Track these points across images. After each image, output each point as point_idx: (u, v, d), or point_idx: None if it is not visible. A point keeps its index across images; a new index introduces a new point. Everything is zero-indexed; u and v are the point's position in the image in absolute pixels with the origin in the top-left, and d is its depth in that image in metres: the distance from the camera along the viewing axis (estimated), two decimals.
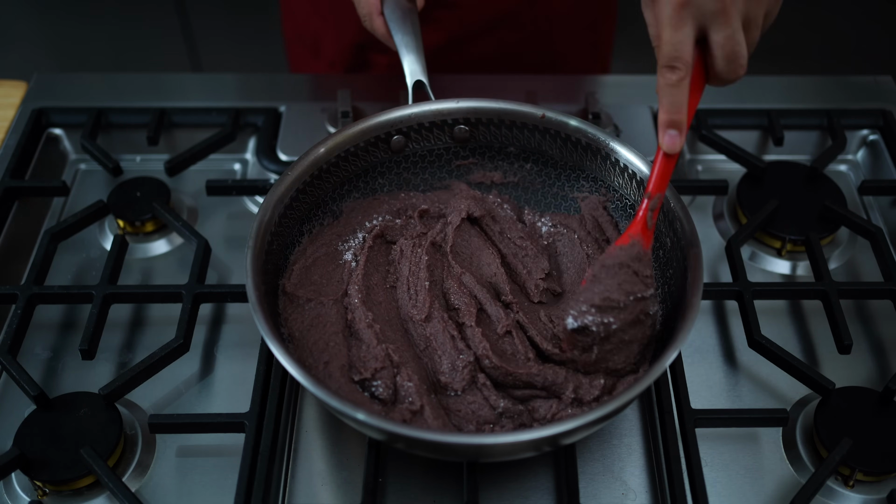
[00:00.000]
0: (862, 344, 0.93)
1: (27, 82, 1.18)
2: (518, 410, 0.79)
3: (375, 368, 0.79)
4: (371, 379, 0.79)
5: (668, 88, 0.72)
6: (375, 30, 0.96)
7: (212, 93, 1.18)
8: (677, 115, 0.73)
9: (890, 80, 1.19)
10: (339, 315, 0.85)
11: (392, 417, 0.77)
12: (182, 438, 0.85)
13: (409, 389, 0.78)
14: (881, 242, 0.96)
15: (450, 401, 0.80)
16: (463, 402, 0.80)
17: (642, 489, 0.81)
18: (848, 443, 0.79)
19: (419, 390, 0.78)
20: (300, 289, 0.86)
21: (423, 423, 0.77)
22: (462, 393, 0.80)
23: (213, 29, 2.29)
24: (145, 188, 1.03)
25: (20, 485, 0.81)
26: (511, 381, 0.81)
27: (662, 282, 0.87)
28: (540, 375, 0.80)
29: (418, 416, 0.77)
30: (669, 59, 0.70)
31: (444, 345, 0.82)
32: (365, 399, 0.78)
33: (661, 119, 0.74)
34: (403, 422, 0.77)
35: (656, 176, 0.79)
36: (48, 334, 0.94)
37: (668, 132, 0.74)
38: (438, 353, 0.82)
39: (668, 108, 0.73)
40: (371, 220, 0.93)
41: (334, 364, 0.80)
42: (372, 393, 0.79)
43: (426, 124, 0.93)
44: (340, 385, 0.79)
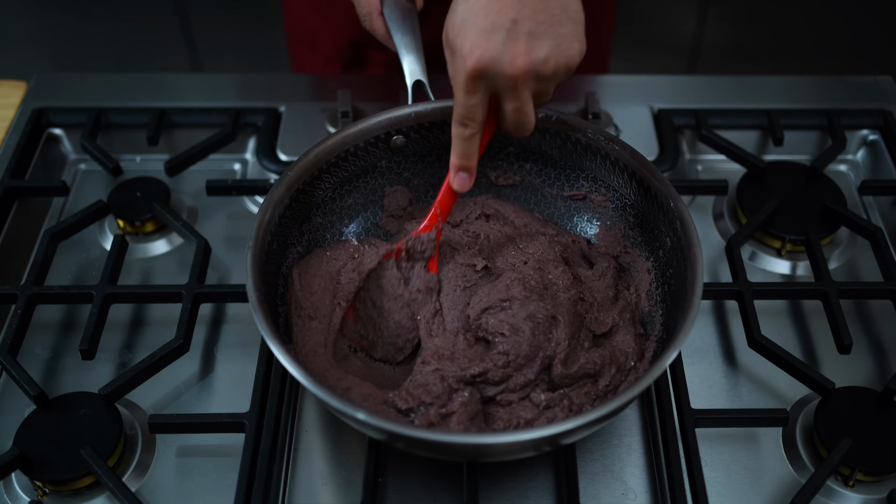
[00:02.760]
0: (862, 344, 0.93)
1: (27, 82, 1.18)
2: (557, 398, 0.80)
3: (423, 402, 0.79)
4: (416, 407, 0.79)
5: (461, 140, 0.79)
6: (375, 30, 0.96)
7: (212, 93, 1.18)
8: (468, 162, 0.80)
9: (890, 80, 1.18)
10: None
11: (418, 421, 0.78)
12: (182, 438, 0.85)
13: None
14: (881, 242, 0.96)
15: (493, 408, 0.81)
16: (509, 410, 0.81)
17: (642, 489, 0.81)
18: (848, 443, 0.79)
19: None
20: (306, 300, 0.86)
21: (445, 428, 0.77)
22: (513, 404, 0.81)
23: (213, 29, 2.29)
24: (145, 188, 1.03)
25: (20, 485, 0.81)
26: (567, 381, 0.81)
27: (662, 281, 0.87)
28: (590, 363, 0.82)
29: (445, 421, 0.78)
30: (462, 118, 0.77)
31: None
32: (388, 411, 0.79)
33: (453, 163, 0.81)
34: (430, 425, 0.77)
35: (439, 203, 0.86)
36: (48, 334, 0.94)
37: (458, 174, 0.82)
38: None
39: (459, 156, 0.80)
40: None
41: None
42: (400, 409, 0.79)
43: (426, 124, 0.93)
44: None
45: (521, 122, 0.77)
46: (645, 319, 0.87)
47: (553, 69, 0.73)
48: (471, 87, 0.74)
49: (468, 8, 0.73)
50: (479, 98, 0.75)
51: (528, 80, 0.73)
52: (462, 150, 0.80)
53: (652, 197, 0.87)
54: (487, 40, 0.72)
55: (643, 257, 0.90)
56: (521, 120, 0.77)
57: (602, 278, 0.89)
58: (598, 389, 0.81)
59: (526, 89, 0.74)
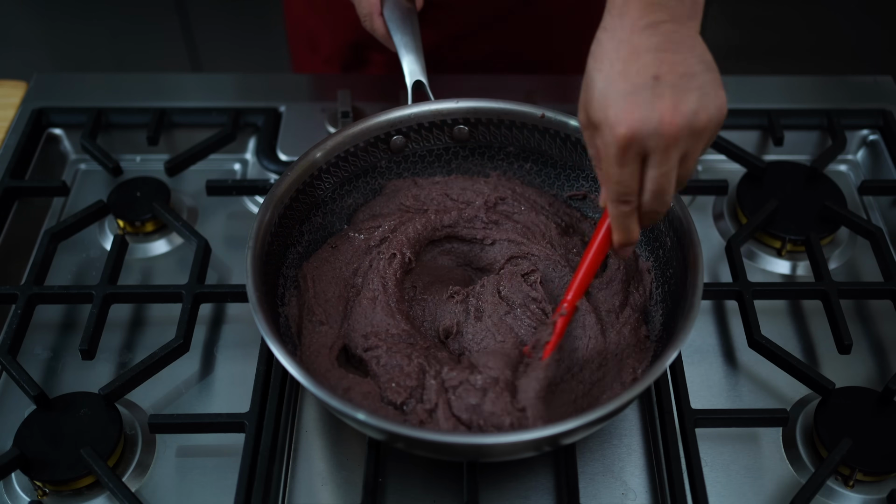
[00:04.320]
0: (862, 344, 0.93)
1: (27, 82, 1.18)
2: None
3: (411, 387, 0.79)
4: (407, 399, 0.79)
5: (621, 218, 0.74)
6: (375, 30, 0.96)
7: (212, 93, 1.18)
8: (631, 238, 0.75)
9: (890, 80, 1.18)
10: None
11: (408, 421, 0.77)
12: (182, 438, 0.85)
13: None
14: (881, 242, 0.96)
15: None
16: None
17: (642, 489, 0.81)
18: (848, 443, 0.79)
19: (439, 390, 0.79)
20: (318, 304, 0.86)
21: (434, 424, 0.77)
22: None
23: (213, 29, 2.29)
24: (145, 188, 1.03)
25: (20, 485, 0.81)
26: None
27: (662, 281, 0.87)
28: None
29: (432, 416, 0.78)
30: (620, 195, 0.72)
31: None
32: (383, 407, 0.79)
33: (617, 241, 0.76)
34: (420, 423, 0.77)
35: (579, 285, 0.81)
36: (48, 334, 0.94)
37: (625, 248, 0.77)
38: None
39: (622, 234, 0.75)
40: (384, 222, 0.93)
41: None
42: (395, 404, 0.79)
43: (426, 124, 0.93)
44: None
45: (661, 190, 0.71)
46: (646, 319, 0.87)
47: (706, 121, 0.68)
48: (622, 157, 0.69)
49: (605, 77, 0.69)
50: (632, 168, 0.70)
51: (681, 137, 0.68)
52: (625, 227, 0.74)
53: None
54: (633, 103, 0.67)
55: (643, 257, 0.90)
56: (661, 188, 0.70)
57: (610, 285, 0.88)
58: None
59: (676, 150, 0.68)
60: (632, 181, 0.70)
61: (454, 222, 0.93)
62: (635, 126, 0.67)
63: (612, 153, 0.69)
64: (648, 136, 0.67)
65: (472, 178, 0.96)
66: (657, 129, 0.67)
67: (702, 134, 0.69)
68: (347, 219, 0.95)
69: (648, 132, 0.67)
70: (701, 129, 0.68)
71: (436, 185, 0.96)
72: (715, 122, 0.69)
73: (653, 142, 0.67)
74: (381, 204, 0.95)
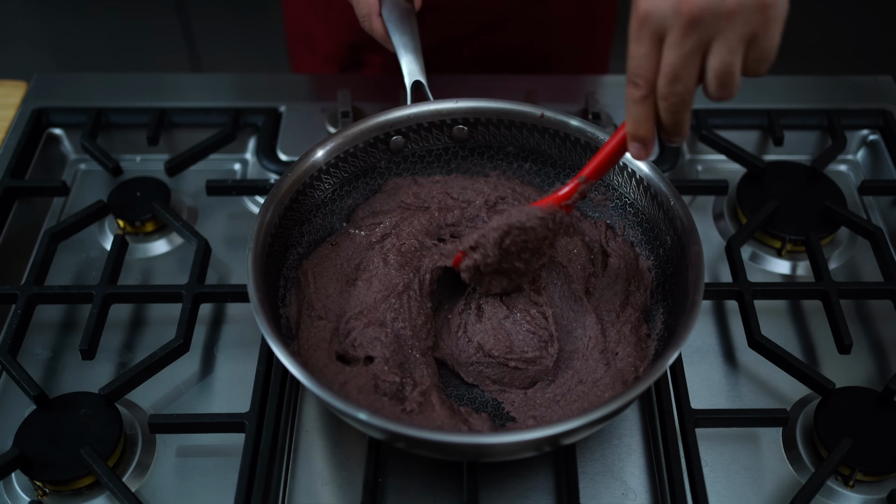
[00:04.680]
0: (862, 344, 0.93)
1: (27, 82, 1.18)
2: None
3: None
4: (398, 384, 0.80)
5: (631, 103, 0.70)
6: (374, 31, 0.96)
7: (212, 93, 1.18)
8: (640, 131, 0.71)
9: (890, 80, 1.18)
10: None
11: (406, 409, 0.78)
12: (182, 438, 0.85)
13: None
14: (881, 242, 0.96)
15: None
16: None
17: (642, 489, 0.81)
18: (848, 443, 0.79)
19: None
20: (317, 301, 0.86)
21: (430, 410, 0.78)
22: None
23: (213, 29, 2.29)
24: (145, 188, 1.03)
25: (20, 485, 0.81)
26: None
27: (663, 280, 0.87)
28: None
29: (427, 402, 0.78)
30: (631, 74, 0.69)
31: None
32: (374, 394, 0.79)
33: (627, 131, 0.72)
34: (419, 406, 0.78)
35: (598, 162, 0.79)
36: (48, 334, 0.94)
37: (633, 143, 0.73)
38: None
39: (632, 124, 0.71)
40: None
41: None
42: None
43: (425, 125, 0.93)
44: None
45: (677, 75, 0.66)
46: (646, 318, 0.87)
47: (735, 4, 0.63)
48: (638, 33, 0.66)
49: None
50: (646, 48, 0.66)
51: (701, 18, 0.63)
52: (634, 114, 0.70)
53: (652, 196, 0.87)
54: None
55: (643, 256, 0.90)
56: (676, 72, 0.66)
57: (611, 286, 0.88)
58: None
59: (694, 32, 0.64)
60: (643, 61, 0.67)
61: (457, 221, 0.93)
62: (654, 2, 0.65)
63: (631, 30, 0.67)
64: (664, 14, 0.65)
65: (472, 177, 0.96)
66: (674, 8, 0.64)
67: (732, 17, 0.63)
68: (347, 217, 0.95)
69: (665, 10, 0.64)
70: (728, 12, 0.63)
71: (436, 184, 0.96)
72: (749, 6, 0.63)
73: (668, 20, 0.65)
74: (382, 201, 0.95)
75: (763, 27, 0.65)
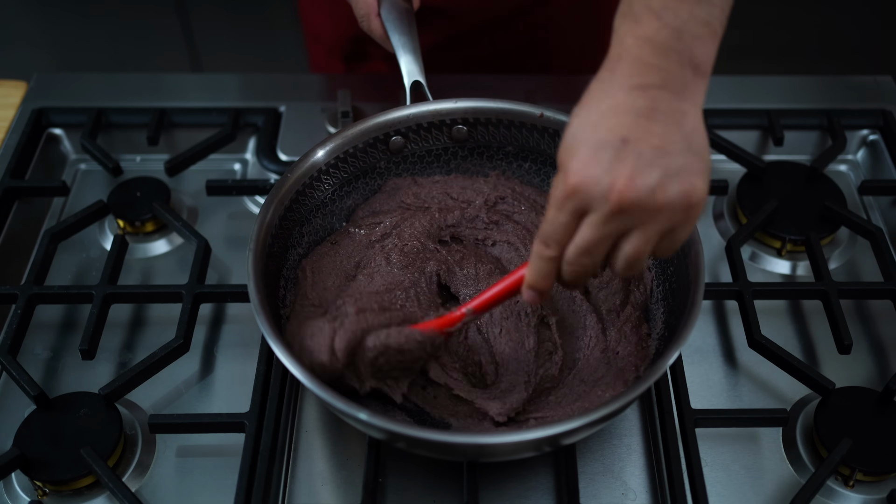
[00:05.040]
0: (862, 344, 0.93)
1: (27, 82, 1.18)
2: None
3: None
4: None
5: (538, 259, 0.70)
6: (373, 31, 0.96)
7: (212, 93, 1.18)
8: (540, 284, 0.71)
9: (890, 80, 1.18)
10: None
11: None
12: (182, 438, 0.85)
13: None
14: (881, 242, 0.96)
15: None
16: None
17: (642, 489, 0.81)
18: (848, 443, 0.79)
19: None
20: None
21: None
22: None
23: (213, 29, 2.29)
24: (145, 188, 1.03)
25: (20, 485, 0.81)
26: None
27: (663, 279, 0.87)
28: None
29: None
30: (545, 236, 0.68)
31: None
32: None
33: (526, 279, 0.72)
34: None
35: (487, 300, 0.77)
36: (48, 334, 0.94)
37: (528, 291, 0.72)
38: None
39: (534, 275, 0.71)
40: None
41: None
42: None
43: (425, 125, 0.93)
44: None
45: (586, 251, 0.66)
46: (647, 317, 0.87)
47: (662, 203, 0.63)
48: (562, 203, 0.65)
49: (580, 123, 0.66)
50: (566, 218, 0.66)
51: (627, 209, 0.63)
52: (538, 268, 0.70)
53: None
54: (592, 158, 0.63)
55: None
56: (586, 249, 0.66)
57: (609, 284, 0.88)
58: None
59: (616, 220, 0.64)
60: (560, 229, 0.67)
61: (457, 222, 0.93)
62: (585, 181, 0.63)
63: (555, 195, 0.66)
64: (593, 197, 0.64)
65: (471, 177, 0.96)
66: (604, 194, 0.63)
67: (655, 214, 0.64)
68: (347, 217, 0.95)
69: (595, 193, 0.63)
70: (654, 209, 0.63)
71: (436, 184, 0.96)
72: (677, 205, 0.64)
73: (596, 203, 0.64)
74: (381, 201, 0.95)
75: (681, 223, 0.65)
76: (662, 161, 0.63)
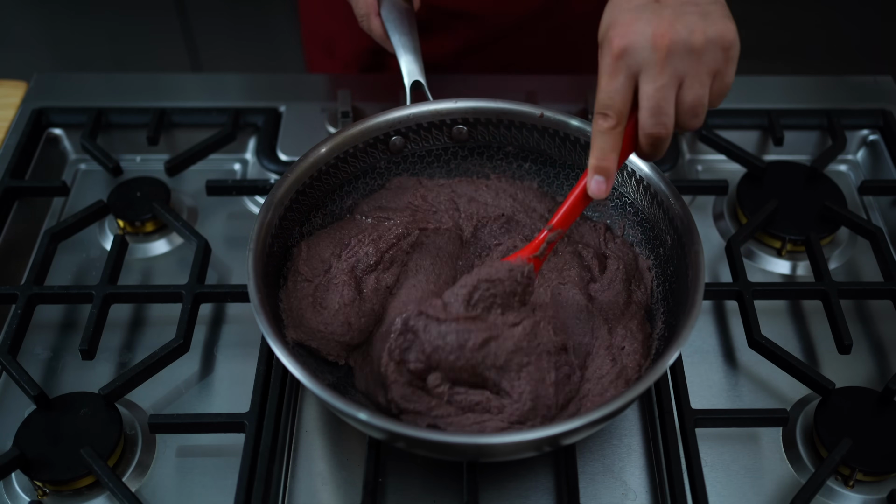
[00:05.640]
0: (862, 344, 0.93)
1: (27, 82, 1.18)
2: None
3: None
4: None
5: (599, 135, 0.72)
6: (372, 31, 0.96)
7: (212, 93, 1.18)
8: (605, 162, 0.73)
9: (890, 80, 1.18)
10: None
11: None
12: (182, 438, 0.85)
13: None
14: (881, 242, 0.96)
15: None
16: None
17: (642, 489, 0.81)
18: (848, 443, 0.79)
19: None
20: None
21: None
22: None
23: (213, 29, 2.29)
24: (145, 188, 1.03)
25: (20, 485, 0.81)
26: None
27: (663, 279, 0.87)
28: None
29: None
30: (602, 106, 0.71)
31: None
32: None
33: (590, 163, 0.74)
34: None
35: (565, 212, 0.80)
36: (48, 334, 0.94)
37: (595, 177, 0.74)
38: None
39: (596, 154, 0.73)
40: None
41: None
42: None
43: (425, 125, 0.93)
44: None
45: (658, 108, 0.70)
46: (648, 317, 0.87)
47: (702, 41, 0.69)
48: (614, 67, 0.70)
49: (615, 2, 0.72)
50: (620, 81, 0.70)
51: (674, 52, 0.69)
52: (600, 145, 0.73)
53: (652, 195, 0.87)
54: (632, 20, 0.70)
55: (643, 255, 0.90)
56: (657, 105, 0.70)
57: (611, 285, 0.88)
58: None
59: (670, 66, 0.69)
60: (616, 95, 0.71)
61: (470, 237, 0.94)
62: (629, 38, 0.69)
63: (605, 65, 0.71)
64: (641, 49, 0.69)
65: (474, 181, 0.96)
66: (650, 43, 0.69)
67: (701, 54, 0.69)
68: (349, 212, 0.94)
69: (641, 45, 0.69)
70: (698, 48, 0.69)
71: (442, 188, 0.96)
72: (716, 44, 0.69)
73: (645, 55, 0.69)
74: (387, 198, 0.95)
75: (725, 64, 0.71)
76: (694, 9, 0.70)
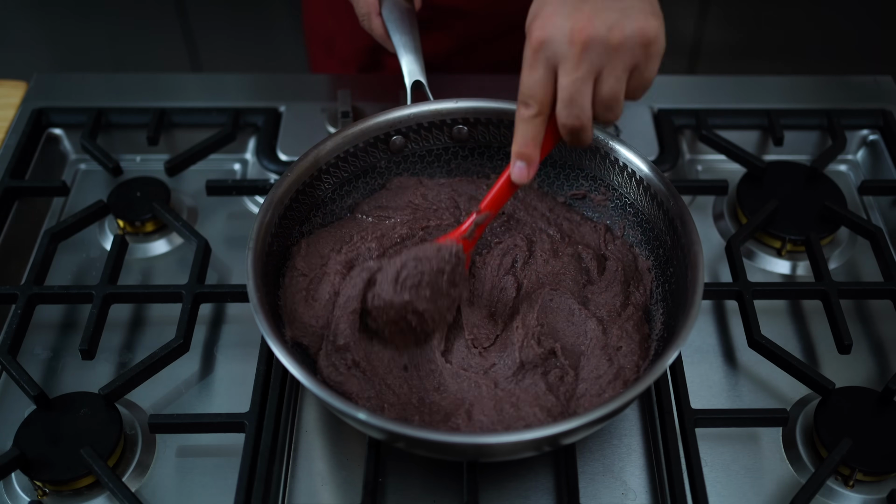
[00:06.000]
0: (862, 344, 0.93)
1: (27, 82, 1.18)
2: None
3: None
4: None
5: (521, 123, 0.75)
6: (373, 30, 0.96)
7: (212, 93, 1.18)
8: (526, 149, 0.76)
9: (890, 80, 1.18)
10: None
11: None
12: (182, 438, 0.85)
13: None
14: (881, 242, 0.96)
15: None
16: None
17: (642, 489, 0.81)
18: (848, 443, 0.79)
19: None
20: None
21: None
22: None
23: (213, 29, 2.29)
24: (145, 188, 1.03)
25: (20, 485, 0.81)
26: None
27: (663, 280, 0.87)
28: None
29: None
30: (523, 95, 0.74)
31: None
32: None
33: (513, 150, 0.76)
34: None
35: (493, 196, 0.82)
36: (48, 334, 0.94)
37: (517, 163, 0.77)
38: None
39: (519, 141, 0.76)
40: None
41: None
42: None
43: (425, 125, 0.93)
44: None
45: (572, 100, 0.72)
46: (647, 318, 0.87)
47: (620, 38, 0.70)
48: (533, 59, 0.72)
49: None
50: (540, 73, 0.72)
51: (589, 49, 0.70)
52: (522, 132, 0.75)
53: (652, 196, 0.87)
54: (552, 14, 0.71)
55: (643, 256, 0.90)
56: (571, 98, 0.72)
57: (610, 287, 0.88)
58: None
59: (586, 59, 0.70)
60: (536, 85, 0.73)
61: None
62: (547, 32, 0.71)
63: (525, 56, 0.72)
64: (558, 43, 0.71)
65: (475, 181, 0.96)
66: (567, 37, 0.70)
67: (618, 49, 0.71)
68: (349, 211, 0.94)
69: (558, 39, 0.70)
70: (615, 44, 0.70)
71: (442, 187, 0.96)
72: (635, 41, 0.71)
73: (562, 49, 0.71)
74: (387, 198, 0.95)
75: (644, 60, 0.72)
76: (616, 5, 0.71)
